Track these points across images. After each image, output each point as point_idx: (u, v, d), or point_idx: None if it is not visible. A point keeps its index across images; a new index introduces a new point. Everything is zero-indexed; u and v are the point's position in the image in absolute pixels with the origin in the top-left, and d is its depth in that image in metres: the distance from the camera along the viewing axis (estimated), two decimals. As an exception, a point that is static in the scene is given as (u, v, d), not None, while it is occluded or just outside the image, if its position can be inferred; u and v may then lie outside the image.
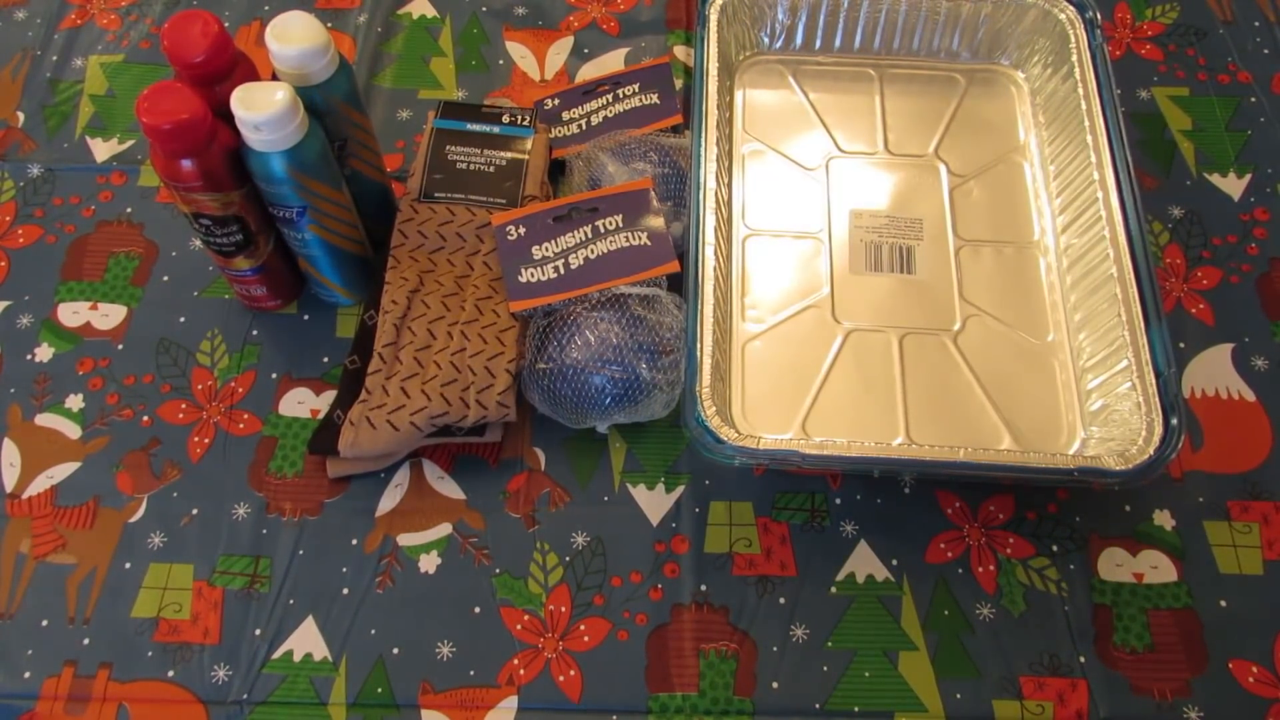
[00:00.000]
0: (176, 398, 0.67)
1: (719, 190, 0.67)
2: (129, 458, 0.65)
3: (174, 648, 0.59)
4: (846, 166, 0.74)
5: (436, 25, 0.84)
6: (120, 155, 0.77)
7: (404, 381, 0.62)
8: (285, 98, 0.54)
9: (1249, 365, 0.68)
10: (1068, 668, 0.58)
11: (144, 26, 0.83)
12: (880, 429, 0.63)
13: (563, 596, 0.60)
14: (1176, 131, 0.78)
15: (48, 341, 0.69)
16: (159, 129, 0.53)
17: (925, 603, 0.60)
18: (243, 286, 0.67)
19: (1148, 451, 0.57)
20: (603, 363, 0.61)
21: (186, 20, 0.56)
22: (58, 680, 0.58)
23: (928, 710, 0.57)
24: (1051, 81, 0.75)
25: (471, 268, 0.68)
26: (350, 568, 0.61)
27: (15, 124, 0.78)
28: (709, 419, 0.58)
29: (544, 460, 0.65)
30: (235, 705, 0.57)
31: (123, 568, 0.61)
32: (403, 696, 0.58)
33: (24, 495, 0.63)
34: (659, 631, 0.59)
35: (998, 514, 0.63)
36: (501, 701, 0.57)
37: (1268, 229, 0.73)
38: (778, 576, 0.61)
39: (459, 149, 0.72)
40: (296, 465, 0.64)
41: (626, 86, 0.77)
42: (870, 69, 0.79)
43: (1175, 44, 0.83)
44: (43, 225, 0.73)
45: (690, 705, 0.57)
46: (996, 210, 0.72)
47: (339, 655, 0.59)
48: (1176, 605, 0.60)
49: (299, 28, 0.57)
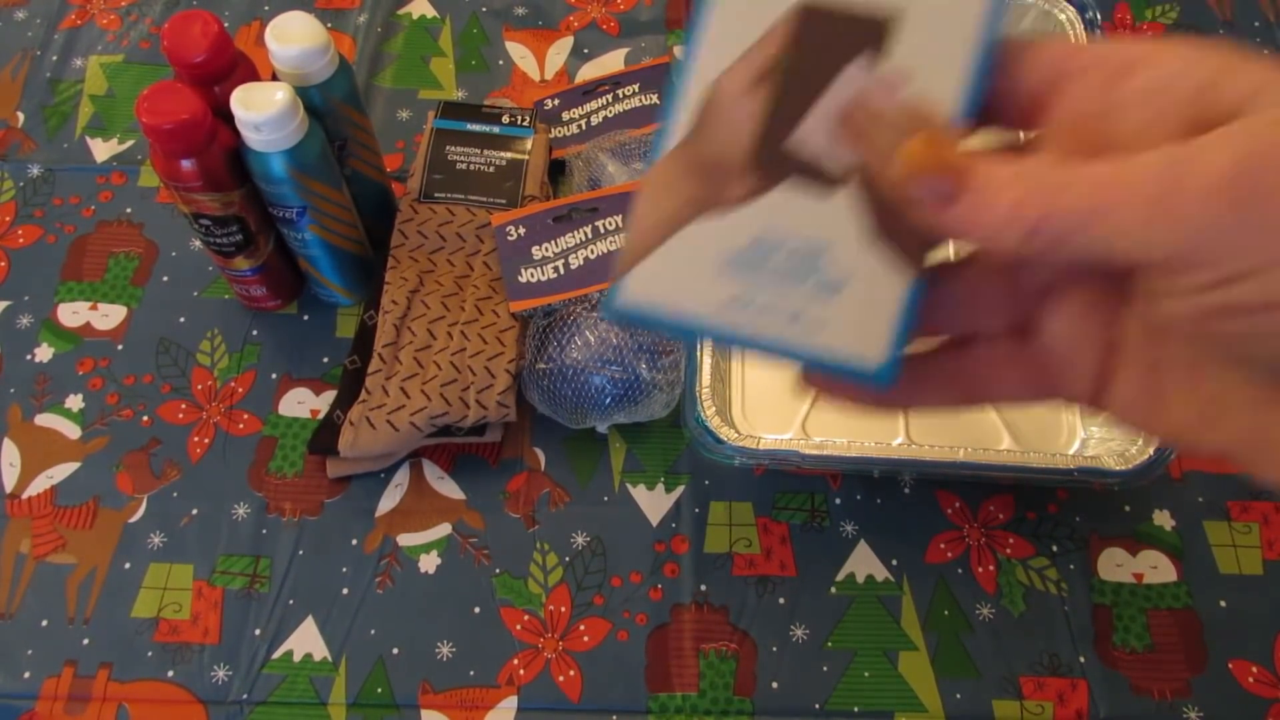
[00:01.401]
0: (176, 398, 0.67)
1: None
2: (129, 458, 0.65)
3: (174, 648, 0.59)
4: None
5: (436, 25, 0.84)
6: (120, 155, 0.77)
7: (404, 382, 0.62)
8: (285, 98, 0.54)
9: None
10: (1067, 668, 0.58)
11: (144, 26, 0.83)
12: (880, 429, 0.63)
13: (563, 596, 0.60)
14: (1176, 132, 0.78)
15: (48, 341, 0.69)
16: (159, 129, 0.53)
17: (925, 603, 0.60)
18: (243, 287, 0.67)
19: (1148, 451, 0.57)
20: (603, 363, 0.61)
21: (186, 20, 0.56)
22: (58, 680, 0.58)
23: (928, 710, 0.57)
24: (1051, 82, 0.75)
25: (471, 268, 0.68)
26: (350, 568, 0.61)
27: (15, 124, 0.78)
28: (709, 419, 0.58)
29: (544, 460, 0.65)
30: (235, 705, 0.57)
31: (122, 568, 0.61)
32: (403, 696, 0.58)
33: (24, 495, 0.63)
34: (659, 631, 0.59)
35: (998, 514, 0.63)
36: (501, 701, 0.57)
37: (1267, 229, 0.73)
38: (778, 576, 0.61)
39: (459, 149, 0.72)
40: (296, 465, 0.64)
41: (626, 87, 0.77)
42: (870, 69, 0.79)
43: (1175, 44, 0.83)
44: (43, 225, 0.73)
45: (690, 705, 0.57)
46: (996, 210, 0.72)
47: (339, 655, 0.59)
48: (1176, 605, 0.60)
49: (299, 28, 0.57)
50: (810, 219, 0.26)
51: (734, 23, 0.27)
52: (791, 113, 0.26)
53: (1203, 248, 0.22)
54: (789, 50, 0.26)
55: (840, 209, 0.26)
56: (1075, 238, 0.23)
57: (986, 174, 0.23)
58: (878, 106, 0.26)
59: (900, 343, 0.26)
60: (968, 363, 0.29)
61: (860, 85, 0.26)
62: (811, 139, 0.26)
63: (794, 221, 0.26)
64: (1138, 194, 0.22)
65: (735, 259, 0.27)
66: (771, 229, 0.27)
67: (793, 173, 0.26)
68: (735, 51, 0.27)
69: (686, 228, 0.27)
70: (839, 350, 0.26)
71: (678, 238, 0.27)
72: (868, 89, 0.26)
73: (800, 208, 0.26)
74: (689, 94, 0.27)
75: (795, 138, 0.26)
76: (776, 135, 0.26)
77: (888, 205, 0.26)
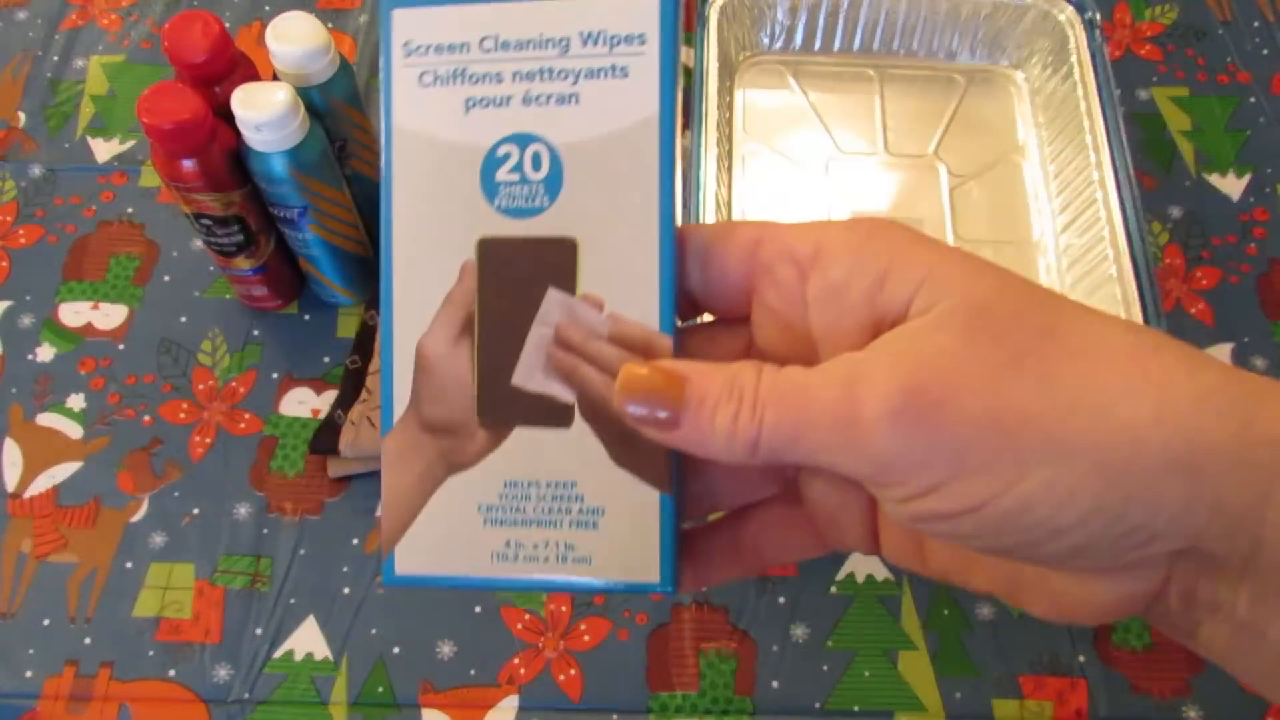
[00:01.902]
0: (178, 397, 0.67)
1: (719, 190, 0.67)
2: (130, 457, 0.65)
3: (175, 647, 0.59)
4: (846, 167, 0.74)
5: (437, 26, 0.84)
6: (121, 155, 0.77)
7: (405, 381, 0.62)
8: (286, 98, 0.54)
9: (1249, 365, 0.68)
10: (1067, 667, 0.58)
11: (145, 27, 0.84)
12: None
13: (563, 596, 0.60)
14: (1176, 132, 0.78)
15: (49, 341, 0.69)
16: (160, 129, 0.53)
17: (925, 602, 0.60)
18: (244, 286, 0.67)
19: (1147, 451, 0.57)
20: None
21: (187, 20, 0.56)
22: (59, 680, 0.58)
23: (928, 710, 0.57)
24: (1051, 82, 0.75)
25: (472, 268, 0.68)
26: (351, 567, 0.61)
27: (16, 124, 0.78)
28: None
29: (544, 460, 0.65)
30: (236, 705, 0.57)
31: (124, 567, 0.61)
32: (403, 696, 0.58)
33: (25, 495, 0.64)
34: (659, 631, 0.59)
35: (997, 514, 0.63)
36: (502, 701, 0.57)
37: (1267, 229, 0.74)
38: (778, 576, 0.61)
39: (459, 149, 0.71)
40: (297, 465, 0.64)
41: (627, 87, 0.76)
42: (870, 69, 0.79)
43: (1175, 44, 0.83)
44: (44, 225, 0.73)
45: (690, 705, 0.57)
46: (996, 210, 0.72)
47: (340, 655, 0.59)
48: (1176, 605, 0.60)
49: (299, 28, 0.57)
50: (553, 456, 0.26)
51: (417, 280, 0.26)
52: (502, 359, 0.26)
53: (887, 470, 0.23)
54: (481, 294, 0.26)
55: (579, 440, 0.26)
56: (791, 452, 0.23)
57: (701, 390, 0.24)
58: (582, 335, 0.26)
59: (670, 554, 0.26)
60: (748, 532, 0.29)
61: (561, 315, 0.26)
62: (530, 378, 0.26)
63: (538, 462, 0.26)
64: (826, 416, 0.23)
65: (492, 511, 0.26)
66: (519, 474, 0.26)
67: (522, 415, 0.26)
68: (430, 308, 0.26)
69: (439, 490, 0.27)
70: (616, 575, 0.26)
71: (434, 501, 0.26)
72: (569, 318, 0.26)
73: (541, 447, 0.26)
74: (396, 364, 0.26)
75: (514, 381, 0.26)
76: (495, 384, 0.26)
77: (622, 429, 0.25)
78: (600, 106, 0.26)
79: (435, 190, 0.26)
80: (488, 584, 0.27)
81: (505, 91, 0.26)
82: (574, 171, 0.26)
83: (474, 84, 0.26)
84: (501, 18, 0.26)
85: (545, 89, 0.26)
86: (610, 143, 0.26)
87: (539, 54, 0.26)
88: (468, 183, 0.26)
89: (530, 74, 0.26)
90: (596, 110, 0.26)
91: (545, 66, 0.26)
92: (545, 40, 0.26)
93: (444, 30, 0.26)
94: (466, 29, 0.26)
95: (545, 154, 0.26)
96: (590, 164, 0.26)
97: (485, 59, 0.26)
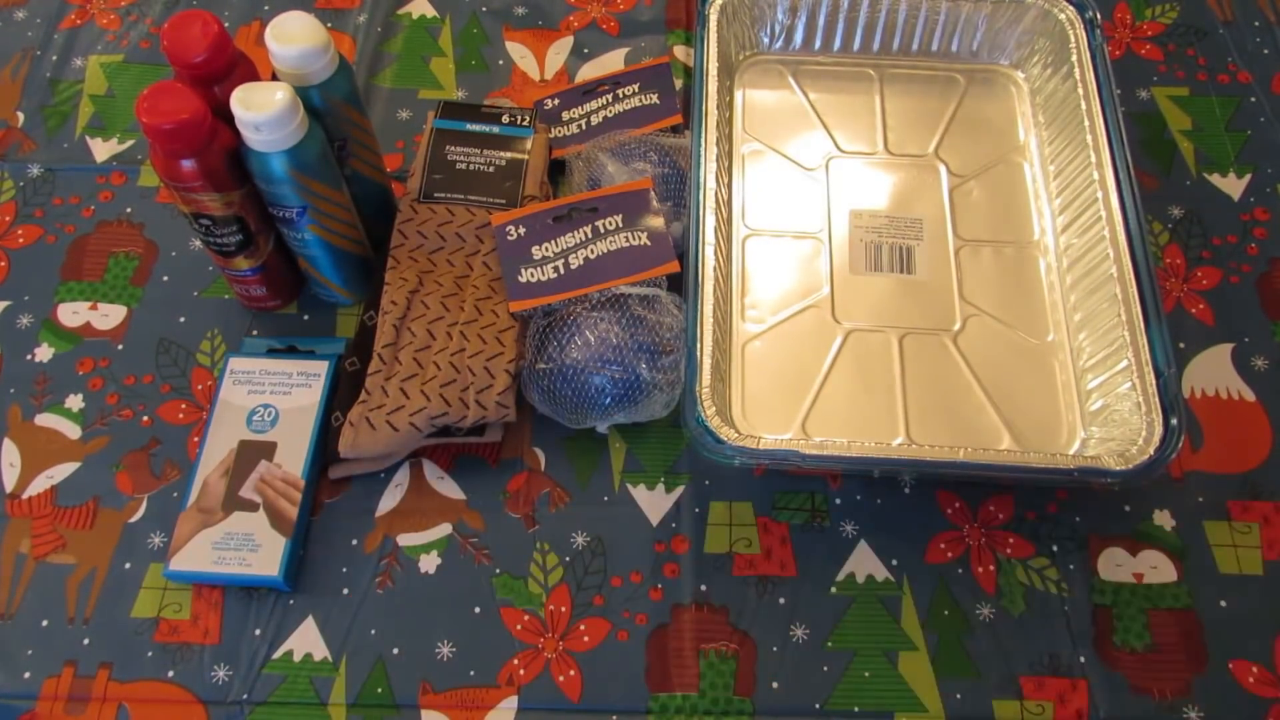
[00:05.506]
0: (176, 398, 0.67)
1: (719, 190, 0.67)
2: (129, 458, 0.65)
3: (174, 648, 0.59)
4: (846, 166, 0.74)
5: (436, 25, 0.84)
6: (120, 155, 0.77)
7: (403, 382, 0.62)
8: (285, 98, 0.54)
9: (1249, 365, 0.68)
10: (1068, 668, 0.58)
11: (144, 26, 0.83)
12: (880, 429, 0.63)
13: (563, 597, 0.60)
14: (1176, 131, 0.78)
15: (48, 341, 0.69)
16: (159, 129, 0.53)
17: (925, 603, 0.60)
18: (243, 286, 0.67)
19: (1148, 451, 0.57)
20: (603, 363, 0.61)
21: (186, 20, 0.56)
22: (58, 680, 0.58)
23: (928, 710, 0.57)
24: (1051, 81, 0.75)
25: (471, 268, 0.68)
26: (350, 568, 0.61)
27: (15, 124, 0.78)
28: (709, 419, 0.58)
29: (544, 460, 0.65)
30: (235, 705, 0.57)
31: (123, 568, 0.61)
32: (403, 697, 0.58)
33: (24, 495, 0.64)
34: (659, 632, 0.59)
35: (997, 514, 0.63)
36: (501, 702, 0.57)
37: (1268, 229, 0.74)
38: (778, 576, 0.61)
39: (459, 149, 0.72)
40: (296, 465, 0.64)
41: (626, 86, 0.77)
42: (870, 69, 0.79)
43: (1175, 44, 0.83)
44: (43, 225, 0.73)
45: (690, 705, 0.57)
46: (996, 210, 0.72)
47: (339, 655, 0.59)
48: (1176, 605, 0.60)
49: (299, 28, 0.57)
50: (249, 524, 0.60)
51: (214, 451, 0.62)
52: (236, 484, 0.60)
53: None
54: (234, 459, 0.61)
55: (260, 519, 0.60)
56: None
57: None
58: (269, 478, 0.61)
59: (287, 563, 0.59)
60: None
61: (263, 469, 0.61)
62: (247, 492, 0.60)
63: (241, 526, 0.59)
64: None
65: (218, 543, 0.59)
66: (232, 530, 0.59)
67: (240, 506, 0.60)
68: (215, 461, 0.61)
69: (199, 533, 0.59)
70: (262, 573, 0.58)
71: (196, 538, 0.59)
72: (266, 471, 0.61)
73: (244, 520, 0.60)
74: (196, 484, 0.60)
75: (240, 493, 0.60)
76: (233, 493, 0.60)
77: (274, 513, 0.60)
78: (302, 394, 0.64)
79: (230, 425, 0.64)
80: (204, 578, 0.60)
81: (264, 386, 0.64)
82: (285, 419, 0.63)
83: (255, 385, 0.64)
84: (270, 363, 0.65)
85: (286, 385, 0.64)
86: (305, 411, 0.63)
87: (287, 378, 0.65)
88: (240, 422, 0.63)
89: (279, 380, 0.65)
90: (300, 396, 0.64)
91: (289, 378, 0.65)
92: None
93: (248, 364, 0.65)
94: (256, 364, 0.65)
95: (274, 412, 0.63)
96: (296, 418, 0.63)
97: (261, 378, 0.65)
